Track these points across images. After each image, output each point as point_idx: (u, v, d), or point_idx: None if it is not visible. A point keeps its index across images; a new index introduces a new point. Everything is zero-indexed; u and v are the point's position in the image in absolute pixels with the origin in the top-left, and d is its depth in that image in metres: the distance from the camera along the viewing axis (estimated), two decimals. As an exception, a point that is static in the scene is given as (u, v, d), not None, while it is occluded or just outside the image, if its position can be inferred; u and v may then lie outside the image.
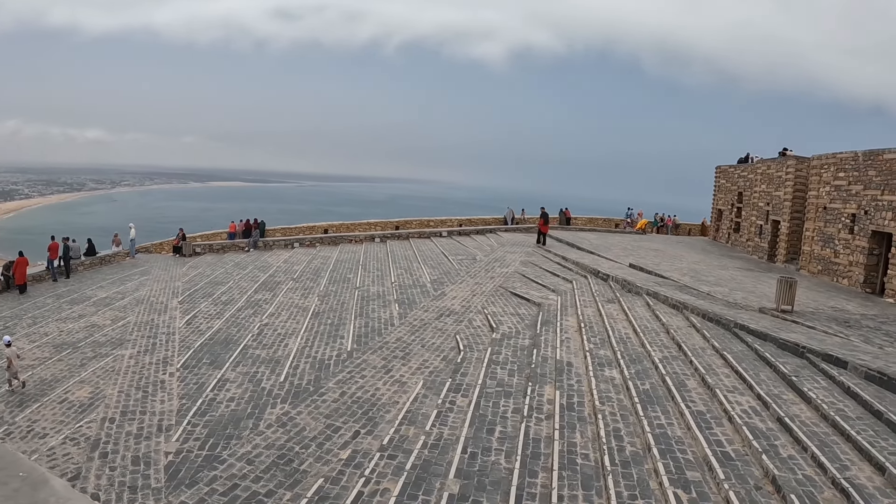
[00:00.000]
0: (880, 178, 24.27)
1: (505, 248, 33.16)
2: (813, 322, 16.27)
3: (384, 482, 9.08)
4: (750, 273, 27.42)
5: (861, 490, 7.68)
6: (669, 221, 51.36)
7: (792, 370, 11.98)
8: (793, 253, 32.11)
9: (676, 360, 13.50)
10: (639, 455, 9.38)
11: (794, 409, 10.36)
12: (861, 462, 8.51)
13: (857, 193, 25.75)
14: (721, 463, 8.76)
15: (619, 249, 32.58)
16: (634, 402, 11.26)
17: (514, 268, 27.03)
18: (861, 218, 25.35)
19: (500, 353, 14.89)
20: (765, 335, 14.11)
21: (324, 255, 33.33)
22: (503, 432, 10.67)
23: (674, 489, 8.20)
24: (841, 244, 26.69)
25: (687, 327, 15.82)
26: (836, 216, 27.16)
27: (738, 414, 10.27)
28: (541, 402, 11.65)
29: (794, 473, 8.29)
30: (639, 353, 14.11)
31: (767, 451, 8.90)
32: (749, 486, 8.10)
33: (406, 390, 13.32)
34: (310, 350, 16.80)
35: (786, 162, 33.26)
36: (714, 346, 13.99)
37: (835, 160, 27.87)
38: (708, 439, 9.56)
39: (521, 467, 9.25)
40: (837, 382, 11.32)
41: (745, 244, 38.22)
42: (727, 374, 12.31)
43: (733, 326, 15.08)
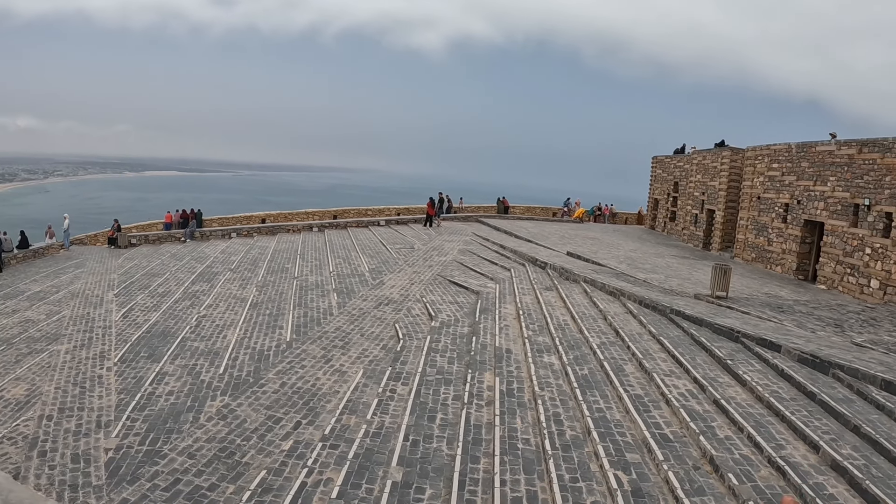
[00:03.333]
0: (813, 169, 25.11)
1: (442, 237, 33.23)
2: (747, 308, 16.78)
3: (327, 472, 9.05)
4: (685, 261, 28.08)
5: (796, 468, 7.98)
6: (607, 210, 52.15)
7: (727, 354, 12.34)
8: (727, 241, 33.08)
9: (614, 345, 13.73)
10: (579, 439, 9.53)
11: (729, 392, 10.67)
12: (796, 441, 8.84)
13: (791, 184, 26.60)
14: (660, 445, 8.96)
15: (557, 238, 32.94)
16: (573, 387, 11.41)
17: (453, 256, 27.11)
18: (794, 208, 26.22)
19: (439, 341, 14.93)
20: (700, 320, 14.47)
21: (261, 245, 32.92)
22: (444, 419, 10.72)
23: (614, 471, 8.35)
24: (774, 233, 27.59)
25: (624, 313, 16.09)
26: (770, 206, 28.03)
27: (675, 397, 10.52)
28: (481, 389, 11.73)
29: (732, 453, 8.54)
30: (577, 340, 14.31)
31: (705, 433, 9.14)
32: (688, 467, 8.31)
33: (346, 380, 13.27)
34: (249, 341, 16.63)
35: (721, 153, 34.09)
36: (651, 331, 14.28)
37: (769, 151, 28.72)
38: (646, 422, 9.76)
39: (464, 453, 9.30)
40: (771, 365, 11.72)
41: (681, 233, 39.12)
42: (664, 359, 12.59)
43: (669, 312, 15.40)
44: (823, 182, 24.35)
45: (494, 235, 33.20)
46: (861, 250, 21.71)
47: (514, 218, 45.96)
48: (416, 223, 39.95)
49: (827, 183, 24.12)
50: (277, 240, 34.91)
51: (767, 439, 8.80)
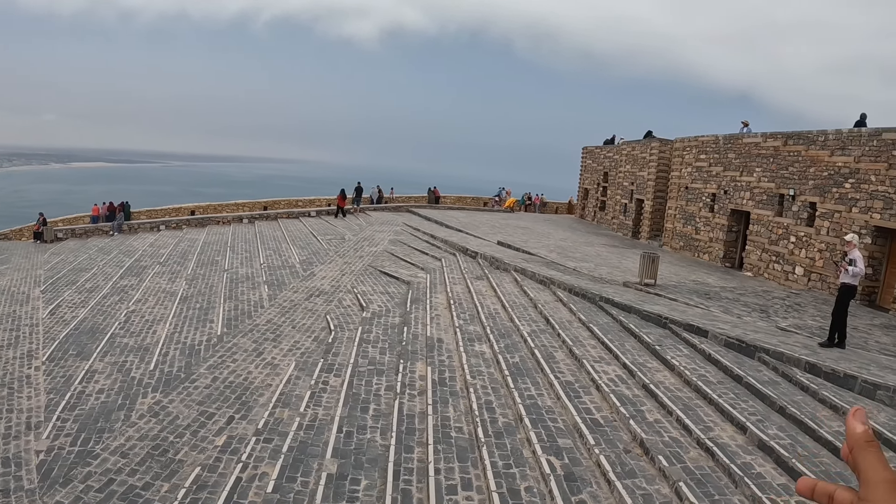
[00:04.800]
0: (739, 160, 25.87)
1: (374, 228, 33.15)
2: (675, 294, 17.18)
3: (262, 466, 8.94)
4: (615, 249, 28.60)
5: (724, 448, 8.19)
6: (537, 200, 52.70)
7: (655, 340, 12.60)
8: (656, 230, 33.82)
9: (544, 333, 13.87)
10: (511, 426, 9.60)
11: (658, 377, 10.90)
12: (724, 423, 9.09)
13: (718, 174, 27.34)
14: (591, 429, 9.09)
15: (488, 227, 33.16)
16: (505, 374, 11.49)
17: (383, 246, 27.07)
18: (721, 197, 26.97)
19: (371, 332, 14.89)
20: (629, 307, 14.73)
21: (191, 238, 32.37)
22: (377, 410, 10.70)
23: (546, 456, 8.43)
24: (702, 222, 28.33)
25: (554, 301, 16.27)
26: (698, 195, 28.75)
27: (605, 383, 10.68)
28: (413, 379, 11.73)
29: (661, 436, 8.72)
30: (508, 328, 14.41)
31: (635, 417, 9.30)
32: (619, 450, 8.45)
33: (279, 373, 13.16)
34: (179, 336, 16.42)
35: (650, 144, 34.82)
36: (581, 318, 14.46)
37: (697, 143, 29.45)
38: (577, 408, 9.89)
39: (397, 443, 9.30)
40: (699, 350, 12.03)
41: (611, 222, 39.89)
42: (594, 346, 12.78)
43: (599, 300, 15.63)
44: (750, 173, 25.09)
45: (425, 225, 33.23)
46: (786, 239, 22.46)
47: (446, 208, 46.13)
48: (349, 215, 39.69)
49: (753, 174, 24.86)
50: (207, 232, 34.38)
51: (696, 422, 9.01)
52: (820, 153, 21.46)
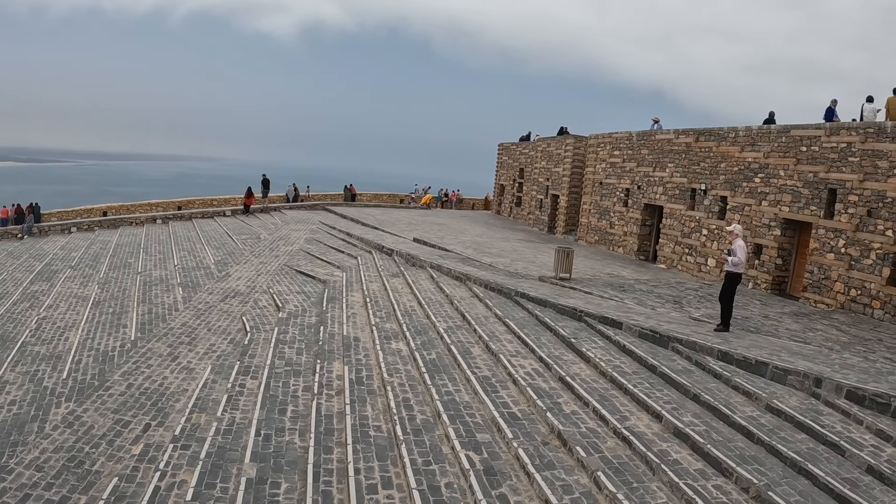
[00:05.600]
0: (652, 156, 26.56)
1: (289, 226, 32.82)
2: (590, 288, 17.43)
3: (180, 474, 8.66)
4: (531, 244, 28.95)
5: (641, 437, 8.33)
6: (454, 196, 52.98)
7: (571, 333, 12.75)
8: (571, 225, 34.46)
9: (461, 329, 13.89)
10: (429, 422, 9.56)
11: (574, 369, 11.02)
12: (639, 412, 9.24)
13: (631, 170, 27.98)
14: (509, 423, 9.11)
15: (404, 224, 33.15)
16: (422, 371, 11.45)
17: (299, 245, 26.80)
18: (634, 192, 27.61)
19: (287, 333, 14.69)
20: (544, 302, 14.88)
21: (103, 240, 31.37)
22: (295, 411, 10.54)
23: (465, 452, 8.42)
24: (616, 216, 28.93)
25: (470, 297, 16.31)
26: (612, 191, 29.34)
27: (521, 377, 10.73)
28: (330, 379, 11.60)
29: (578, 427, 8.79)
30: (424, 325, 14.38)
31: (552, 409, 9.37)
32: (537, 443, 8.49)
33: (195, 377, 12.86)
34: (92, 342, 15.96)
35: (565, 140, 35.47)
36: (497, 314, 14.54)
37: (611, 139, 30.08)
38: (495, 402, 9.90)
39: (316, 444, 9.16)
40: (614, 342, 12.24)
41: (527, 217, 40.39)
42: (510, 340, 12.86)
43: (515, 295, 15.74)
44: (662, 168, 25.75)
45: (341, 223, 33.06)
46: (698, 231, 23.13)
47: (362, 205, 45.99)
48: (264, 213, 39.25)
49: (666, 169, 25.52)
50: (120, 233, 33.38)
51: (612, 412, 9.13)
52: (731, 149, 22.16)
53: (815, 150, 18.95)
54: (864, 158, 17.38)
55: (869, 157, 17.28)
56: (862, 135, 17.61)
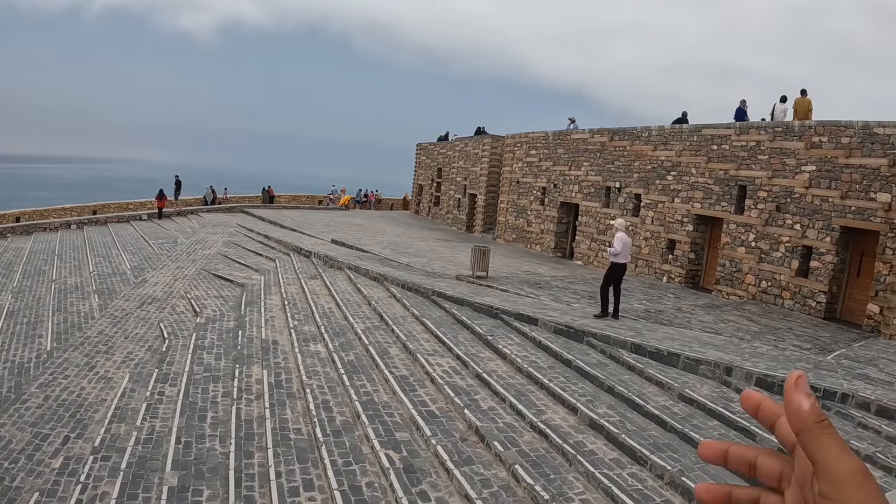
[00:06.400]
0: (568, 155, 27.04)
1: (207, 230, 32.30)
2: (507, 286, 17.68)
3: (102, 486, 8.41)
4: (448, 244, 29.10)
5: (557, 430, 8.47)
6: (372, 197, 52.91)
7: (487, 330, 12.89)
8: (489, 223, 34.79)
9: (379, 329, 13.89)
10: (349, 423, 9.53)
11: (491, 366, 11.14)
12: (555, 406, 9.40)
13: (548, 169, 28.43)
14: (427, 421, 9.15)
15: (322, 226, 32.99)
16: (341, 373, 11.41)
17: (217, 249, 26.38)
18: (551, 191, 28.05)
19: (205, 338, 14.44)
20: (461, 300, 15.01)
21: (16, 247, 30.12)
22: (215, 417, 10.36)
23: (385, 451, 8.42)
24: (533, 214, 29.35)
25: (388, 298, 16.33)
26: (529, 189, 29.75)
27: (439, 375, 10.79)
28: (250, 383, 11.45)
29: (496, 422, 8.88)
30: (342, 326, 14.33)
31: (469, 406, 9.44)
32: (455, 440, 8.54)
33: (113, 386, 12.50)
34: (6, 354, 15.31)
35: (482, 140, 35.82)
36: (414, 313, 14.59)
37: (527, 139, 30.49)
38: (413, 401, 9.93)
39: (237, 450, 9.03)
40: (530, 338, 12.42)
41: (445, 216, 40.63)
42: (427, 339, 12.92)
43: (432, 294, 15.82)
44: (578, 167, 26.26)
45: (259, 226, 32.72)
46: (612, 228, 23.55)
47: (280, 207, 45.66)
48: (181, 216, 38.46)
49: (581, 168, 26.04)
50: (33, 240, 32.13)
51: (529, 406, 9.26)
52: (644, 148, 22.75)
53: (725, 148, 19.62)
54: (773, 156, 18.10)
55: (777, 155, 18.00)
56: (770, 134, 18.34)
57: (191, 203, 44.51)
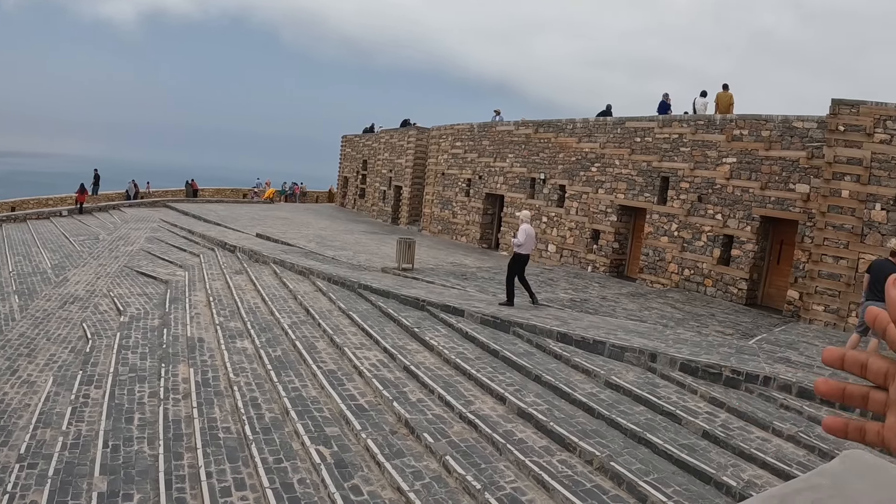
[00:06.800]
0: (493, 147, 27.25)
1: (129, 225, 31.56)
2: (433, 277, 17.76)
3: (29, 495, 8.09)
4: (374, 236, 29.05)
5: (486, 420, 8.52)
6: (297, 189, 52.46)
7: (414, 322, 12.90)
8: (415, 215, 34.86)
9: (305, 324, 13.77)
10: (278, 420, 9.42)
11: (418, 358, 11.15)
12: (484, 396, 9.46)
13: (473, 161, 28.58)
14: (356, 415, 9.10)
15: (247, 220, 32.61)
16: (268, 369, 11.27)
17: (140, 245, 25.80)
18: (476, 182, 28.19)
19: (130, 337, 14.08)
20: (387, 293, 15.00)
21: None
22: (142, 419, 10.10)
23: (315, 446, 8.35)
24: (458, 206, 29.51)
25: (314, 292, 16.21)
26: (454, 181, 29.87)
27: (367, 368, 10.75)
28: (176, 383, 11.21)
29: (425, 414, 8.89)
30: (269, 322, 14.16)
31: (398, 399, 9.43)
32: (385, 433, 8.52)
33: (36, 390, 12.02)
34: None
35: (408, 132, 35.86)
36: (340, 307, 14.51)
37: (453, 131, 30.61)
38: (342, 395, 9.86)
39: (166, 451, 8.82)
40: (457, 329, 12.49)
41: (371, 209, 40.54)
42: (354, 333, 12.86)
43: (358, 287, 15.77)
44: (503, 159, 26.48)
45: (183, 220, 32.16)
46: (538, 219, 23.88)
47: (204, 201, 44.95)
48: (103, 212, 37.46)
49: (506, 159, 26.26)
50: None
51: (457, 397, 9.30)
52: (568, 140, 23.06)
53: (648, 140, 20.02)
54: (695, 148, 18.57)
55: (699, 148, 18.48)
56: (693, 127, 18.80)
57: (112, 198, 43.39)
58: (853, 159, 14.64)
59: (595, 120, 22.57)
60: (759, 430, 8.42)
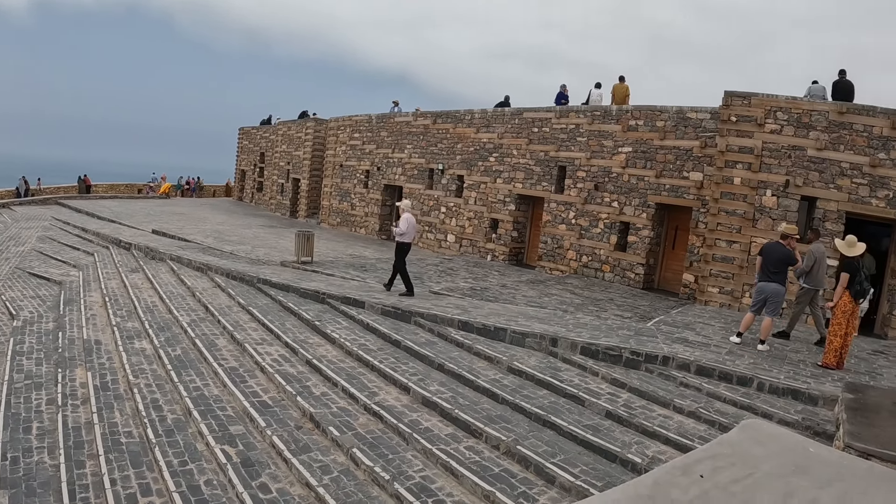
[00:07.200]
0: (391, 138, 27.22)
1: (20, 224, 30.03)
2: (332, 270, 17.67)
3: None
4: (273, 230, 28.65)
5: (391, 410, 8.51)
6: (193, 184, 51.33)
7: (315, 316, 12.78)
8: (314, 208, 34.61)
9: (205, 321, 13.47)
10: (181, 421, 9.16)
11: (320, 351, 11.05)
12: (388, 386, 9.44)
13: (371, 152, 28.49)
14: (260, 412, 8.94)
15: (143, 216, 31.62)
16: (168, 369, 10.96)
17: (31, 245, 24.59)
18: (374, 174, 28.12)
19: (24, 343, 13.41)
20: (287, 287, 14.82)
21: None
22: (41, 427, 9.63)
23: (220, 446, 8.16)
24: (357, 198, 29.39)
25: (213, 288, 15.87)
26: (353, 173, 29.73)
27: (269, 364, 10.58)
28: (74, 388, 10.75)
29: (330, 408, 8.81)
30: (167, 320, 13.77)
31: (301, 393, 9.31)
32: (290, 428, 8.41)
33: None
34: None
35: (305, 124, 35.49)
36: (240, 303, 14.25)
37: (351, 122, 30.43)
38: (245, 392, 9.68)
39: (67, 460, 8.45)
40: (358, 321, 12.44)
41: (269, 202, 40.01)
42: (255, 328, 12.64)
43: (257, 282, 15.53)
44: (401, 150, 26.48)
45: (76, 218, 30.88)
46: (437, 209, 24.00)
47: (98, 197, 43.31)
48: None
49: (405, 150, 26.27)
50: None
51: (361, 389, 9.25)
52: (467, 130, 23.23)
53: (546, 131, 20.36)
54: (592, 138, 19.02)
55: (596, 137, 18.94)
56: (589, 117, 19.24)
57: (2, 196, 41.46)
58: (745, 148, 15.27)
59: (493, 111, 22.80)
60: (661, 408, 8.70)
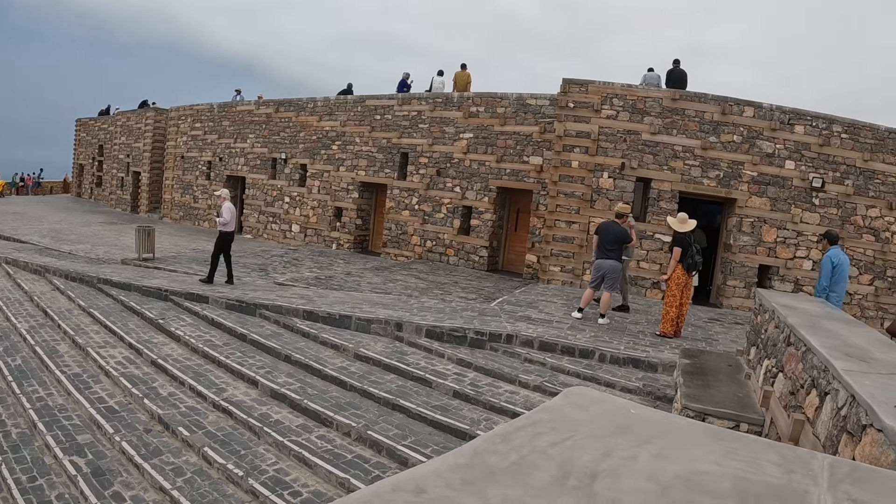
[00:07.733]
0: (234, 127, 26.77)
1: None
2: (175, 266, 17.39)
3: None
4: (113, 226, 27.62)
5: (240, 405, 8.56)
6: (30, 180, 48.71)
7: (158, 314, 12.57)
8: (155, 202, 33.57)
9: (44, 327, 12.96)
10: (26, 435, 8.83)
11: (165, 350, 10.90)
12: (236, 382, 9.46)
13: (213, 142, 27.92)
14: (107, 418, 8.76)
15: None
16: (9, 380, 10.49)
17: None
18: (217, 165, 27.60)
19: None
20: (129, 285, 14.47)
21: None
22: None
23: (69, 457, 7.96)
24: (199, 190, 28.81)
25: (51, 291, 15.26)
26: (194, 164, 29.06)
27: (113, 367, 10.35)
28: (-88, 412, 10.15)
29: (178, 408, 8.76)
30: (5, 328, 13.13)
31: (148, 395, 9.19)
32: (139, 432, 8.30)
33: None
34: None
35: (145, 114, 34.28)
36: (80, 305, 13.80)
37: (192, 112, 29.64)
38: (90, 399, 9.44)
39: None
40: (202, 317, 12.34)
41: (109, 198, 38.43)
42: (97, 331, 12.28)
43: (98, 282, 15.07)
44: (244, 139, 26.11)
45: None
46: (281, 200, 23.93)
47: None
48: None
49: (247, 140, 25.92)
50: None
51: (209, 386, 9.23)
52: (309, 118, 23.19)
53: (388, 118, 20.64)
54: (434, 125, 19.44)
55: (438, 124, 19.36)
56: (431, 104, 19.65)
57: None
58: (582, 133, 16.06)
59: (336, 98, 22.83)
60: (507, 385, 9.16)
